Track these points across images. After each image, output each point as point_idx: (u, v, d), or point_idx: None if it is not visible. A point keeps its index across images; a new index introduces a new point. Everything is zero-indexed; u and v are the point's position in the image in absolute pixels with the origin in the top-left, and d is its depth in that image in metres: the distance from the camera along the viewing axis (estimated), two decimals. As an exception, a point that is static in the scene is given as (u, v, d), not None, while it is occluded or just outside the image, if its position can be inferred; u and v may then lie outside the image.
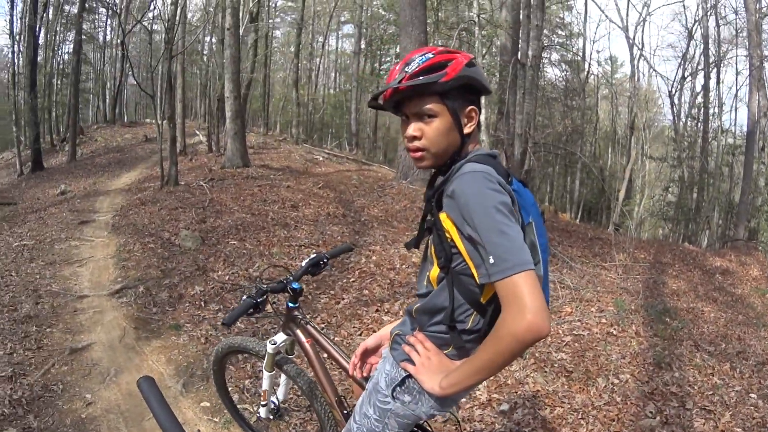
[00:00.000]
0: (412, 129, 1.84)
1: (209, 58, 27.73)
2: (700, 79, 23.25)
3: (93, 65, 38.72)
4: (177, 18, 14.31)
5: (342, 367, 2.69)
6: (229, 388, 4.06)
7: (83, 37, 28.44)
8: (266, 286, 2.73)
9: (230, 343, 3.20)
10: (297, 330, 2.85)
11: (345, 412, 2.76)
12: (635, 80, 25.12)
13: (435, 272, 1.87)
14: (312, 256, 2.99)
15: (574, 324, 6.10)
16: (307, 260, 2.95)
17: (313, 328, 2.83)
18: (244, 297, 2.67)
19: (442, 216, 1.77)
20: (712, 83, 21.93)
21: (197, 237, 8.62)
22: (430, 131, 1.81)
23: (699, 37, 23.12)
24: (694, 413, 4.46)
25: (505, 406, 4.37)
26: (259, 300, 2.63)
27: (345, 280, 7.21)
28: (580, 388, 4.69)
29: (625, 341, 5.76)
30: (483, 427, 4.19)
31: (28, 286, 7.09)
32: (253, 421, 3.90)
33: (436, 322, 1.90)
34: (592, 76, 30.37)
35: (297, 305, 2.85)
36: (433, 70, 1.77)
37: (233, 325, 2.48)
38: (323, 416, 2.93)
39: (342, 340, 5.59)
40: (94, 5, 34.10)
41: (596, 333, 5.91)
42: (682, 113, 24.71)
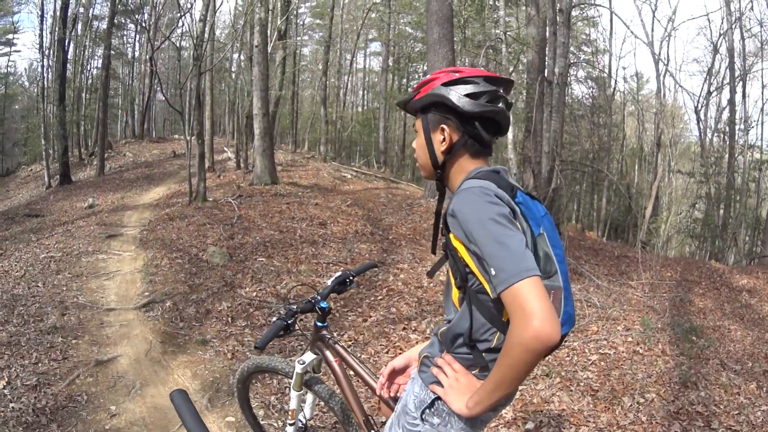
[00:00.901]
0: (413, 142, 2.07)
1: (237, 75, 27.92)
2: (726, 94, 22.95)
3: (121, 80, 39.22)
4: (205, 35, 14.44)
5: (369, 386, 2.69)
6: (255, 404, 4.05)
7: (112, 52, 28.81)
8: (296, 306, 2.75)
9: (257, 362, 3.19)
10: (325, 349, 2.85)
11: (372, 431, 2.75)
12: (661, 96, 24.92)
13: (455, 294, 1.88)
14: (338, 274, 3.00)
15: (601, 343, 6.09)
16: (333, 278, 2.97)
17: (341, 347, 2.83)
18: (274, 319, 2.69)
19: (452, 236, 1.79)
20: (737, 98, 21.62)
21: (225, 253, 8.65)
22: (417, 145, 2.03)
23: (724, 51, 22.82)
24: (720, 433, 4.39)
25: (530, 425, 4.33)
26: (289, 321, 2.66)
27: (372, 298, 7.20)
28: (605, 407, 4.66)
29: (651, 360, 5.73)
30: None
31: (54, 298, 7.17)
32: None
33: (460, 344, 1.88)
34: (618, 93, 30.20)
35: (325, 324, 2.86)
36: (417, 89, 1.95)
37: (264, 348, 2.49)
38: None
39: (369, 357, 5.58)
40: (123, 21, 34.58)
41: (622, 352, 5.89)
42: (708, 129, 24.44)
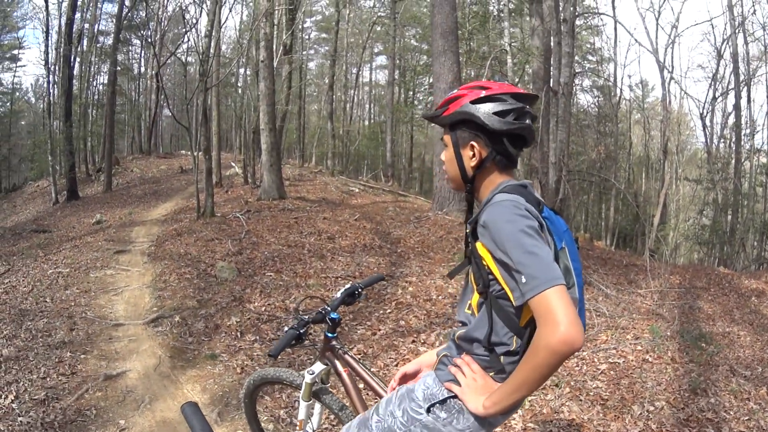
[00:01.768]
0: (442, 154, 2.13)
1: (244, 90, 28.01)
2: (731, 99, 22.93)
3: (128, 96, 39.37)
4: (211, 50, 14.50)
5: (379, 396, 2.69)
6: (264, 419, 4.04)
7: (118, 68, 28.97)
8: (308, 317, 2.79)
9: (263, 374, 3.21)
10: (334, 359, 2.87)
11: None
12: (667, 103, 24.93)
13: (475, 299, 1.96)
14: (347, 286, 3.04)
15: (610, 352, 6.06)
16: (342, 290, 3.00)
17: (351, 357, 2.85)
18: (286, 329, 2.74)
19: (478, 245, 1.86)
20: (743, 102, 21.61)
21: (234, 268, 8.65)
22: (446, 159, 2.09)
23: (728, 56, 22.81)
24: (730, 439, 4.36)
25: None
26: (301, 331, 2.71)
27: (382, 311, 7.18)
28: (615, 416, 4.63)
29: (661, 368, 5.70)
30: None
31: (62, 313, 7.18)
32: None
33: (478, 347, 1.94)
34: (624, 101, 30.19)
35: (335, 335, 2.88)
36: (444, 105, 2.02)
37: (277, 356, 2.53)
38: None
39: (378, 370, 5.55)
40: (129, 37, 34.75)
41: (632, 360, 5.86)
42: (714, 135, 24.40)
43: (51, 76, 23.87)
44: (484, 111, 1.90)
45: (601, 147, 23.98)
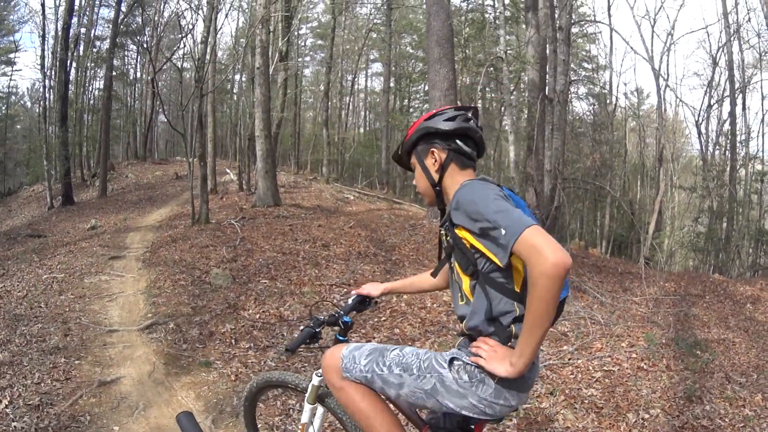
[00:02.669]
0: (414, 180, 2.42)
1: (239, 96, 28.02)
2: (726, 106, 22.92)
3: (123, 102, 39.26)
4: (207, 57, 14.50)
5: (389, 399, 2.68)
6: (259, 425, 4.02)
7: (114, 73, 28.93)
8: (323, 317, 2.80)
9: (268, 377, 3.16)
10: None
11: None
12: (662, 111, 24.96)
13: (466, 284, 2.13)
14: (359, 293, 3.06)
15: (605, 360, 6.08)
16: (355, 297, 3.02)
17: None
18: (302, 327, 2.74)
19: (458, 230, 2.06)
20: (738, 110, 21.60)
21: (228, 275, 8.64)
22: (416, 178, 2.38)
23: (723, 64, 22.78)
24: (724, 446, 4.37)
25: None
26: (317, 330, 2.71)
27: (376, 319, 7.18)
28: (610, 423, 4.64)
29: (656, 375, 5.72)
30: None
31: (57, 318, 7.14)
32: None
33: (484, 326, 2.08)
34: (619, 109, 30.25)
35: (346, 339, 2.87)
36: (405, 135, 2.38)
37: (294, 352, 2.58)
38: None
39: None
40: (125, 42, 34.72)
41: (626, 368, 5.88)
42: (709, 142, 24.43)
43: (47, 81, 23.79)
44: (435, 121, 2.27)
45: (597, 155, 24.06)
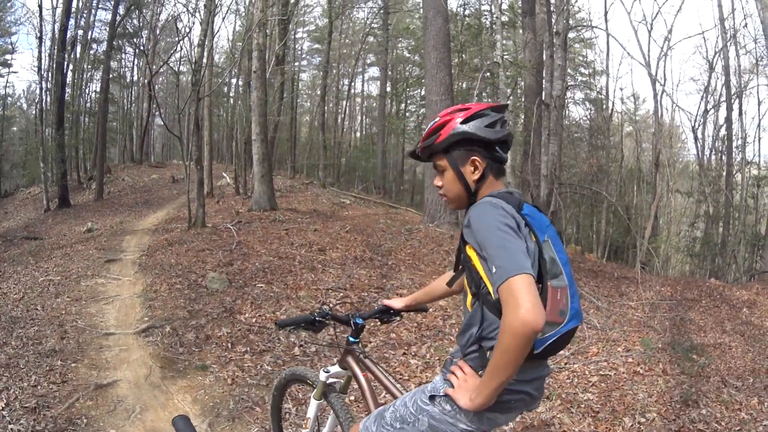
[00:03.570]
0: (436, 180, 2.28)
1: (236, 100, 28.01)
2: (723, 111, 22.97)
3: (120, 105, 39.23)
4: (204, 60, 14.49)
5: None
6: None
7: (110, 75, 28.89)
8: (329, 309, 2.85)
9: (294, 371, 3.28)
10: (353, 364, 2.90)
11: None
12: (658, 116, 25.00)
13: (469, 299, 2.13)
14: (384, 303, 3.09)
15: (601, 364, 6.11)
16: (380, 306, 3.05)
17: (371, 361, 2.88)
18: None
19: (467, 248, 2.05)
20: (734, 115, 21.64)
21: (224, 279, 8.63)
22: (445, 182, 2.23)
23: (720, 69, 22.88)
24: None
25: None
26: (317, 318, 2.76)
27: (373, 324, 7.15)
28: (606, 428, 4.66)
29: (652, 380, 5.74)
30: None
31: (53, 321, 7.13)
32: None
33: (472, 342, 2.08)
34: (615, 114, 30.30)
35: (357, 340, 2.92)
36: (433, 133, 2.19)
37: (283, 329, 2.60)
38: None
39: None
40: (122, 44, 34.69)
41: (623, 372, 5.90)
42: (705, 147, 24.46)
43: (44, 83, 23.85)
44: (477, 126, 2.10)
45: (593, 160, 24.06)
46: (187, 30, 16.54)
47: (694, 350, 6.86)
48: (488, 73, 16.55)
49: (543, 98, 12.94)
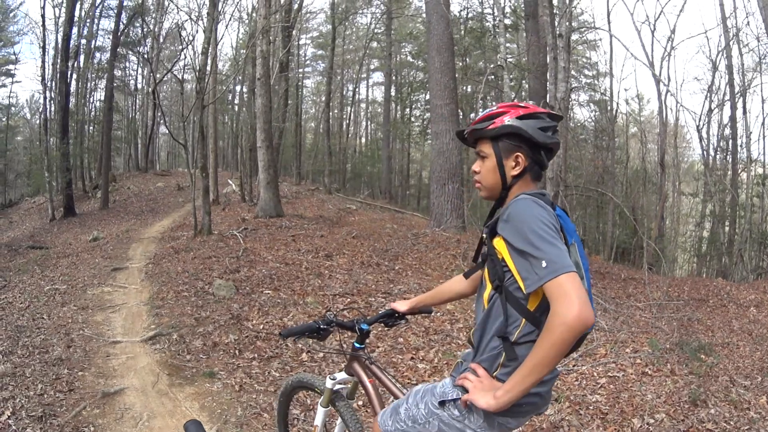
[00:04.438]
0: (475, 165, 2.28)
1: (240, 107, 28.04)
2: (727, 110, 22.92)
3: (124, 113, 39.29)
4: (208, 68, 14.51)
5: None
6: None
7: (114, 84, 28.94)
8: (334, 316, 2.83)
9: (301, 377, 3.27)
10: (360, 370, 2.89)
11: None
12: (663, 116, 24.94)
13: (487, 292, 2.13)
14: (389, 306, 3.07)
15: (609, 365, 6.09)
16: (386, 309, 3.03)
17: (377, 367, 2.88)
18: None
19: (496, 241, 2.06)
20: (738, 113, 21.59)
21: (231, 286, 8.61)
22: (483, 169, 2.23)
23: (723, 68, 22.85)
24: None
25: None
26: (321, 326, 2.74)
27: (380, 329, 7.13)
28: (615, 429, 4.65)
29: (660, 380, 5.72)
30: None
31: (59, 330, 7.12)
32: None
33: (491, 339, 2.09)
34: (620, 115, 30.24)
35: (363, 346, 2.91)
36: (487, 119, 2.19)
37: (288, 338, 2.58)
38: None
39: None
40: (125, 53, 34.76)
41: (631, 374, 5.89)
42: (710, 146, 24.40)
43: (48, 92, 23.88)
44: (531, 126, 2.12)
45: (598, 161, 24.03)
46: (191, 38, 16.58)
47: (702, 350, 6.84)
48: (492, 77, 16.55)
49: (547, 100, 12.90)
